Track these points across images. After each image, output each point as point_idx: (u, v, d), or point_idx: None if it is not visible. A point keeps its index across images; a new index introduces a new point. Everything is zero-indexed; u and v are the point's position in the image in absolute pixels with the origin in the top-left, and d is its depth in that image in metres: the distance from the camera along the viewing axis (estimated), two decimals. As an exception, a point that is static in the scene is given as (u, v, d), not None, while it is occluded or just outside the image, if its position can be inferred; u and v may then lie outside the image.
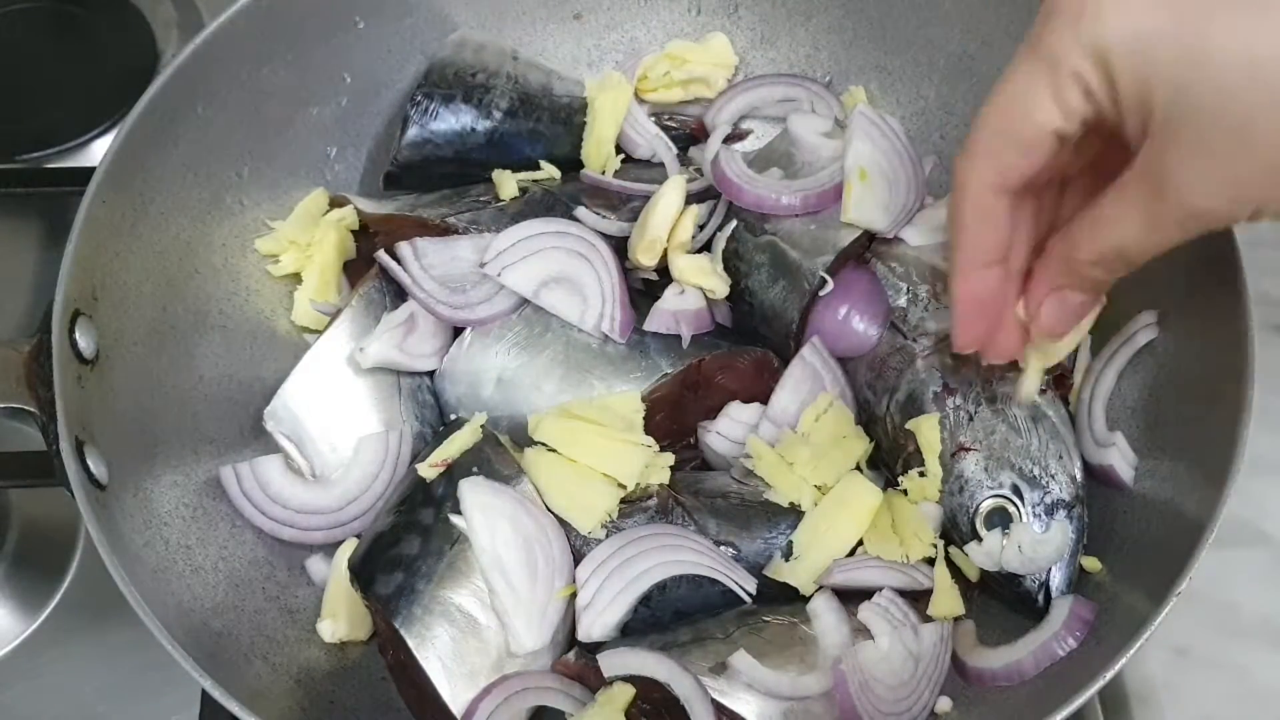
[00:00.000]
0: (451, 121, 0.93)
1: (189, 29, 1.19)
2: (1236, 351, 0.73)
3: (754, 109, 0.98)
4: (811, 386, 0.84)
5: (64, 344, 0.75)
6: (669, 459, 0.82)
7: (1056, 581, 0.77)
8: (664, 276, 0.89)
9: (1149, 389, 0.81)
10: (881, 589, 0.77)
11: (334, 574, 0.81)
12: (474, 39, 0.96)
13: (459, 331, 0.86)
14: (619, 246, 0.88)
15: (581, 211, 0.90)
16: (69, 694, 0.89)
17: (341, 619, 0.81)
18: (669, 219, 0.87)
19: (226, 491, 0.83)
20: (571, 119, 0.97)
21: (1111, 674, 0.66)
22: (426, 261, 0.86)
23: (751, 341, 0.87)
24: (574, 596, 0.76)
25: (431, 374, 0.87)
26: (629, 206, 0.91)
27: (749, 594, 0.77)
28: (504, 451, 0.80)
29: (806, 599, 0.77)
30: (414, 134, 0.92)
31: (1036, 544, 0.77)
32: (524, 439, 0.81)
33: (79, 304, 0.77)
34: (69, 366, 0.75)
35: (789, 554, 0.79)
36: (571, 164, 0.96)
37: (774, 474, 0.81)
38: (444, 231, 0.88)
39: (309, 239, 0.92)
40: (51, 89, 1.17)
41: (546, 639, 0.75)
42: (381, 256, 0.87)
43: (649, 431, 0.82)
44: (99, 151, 1.11)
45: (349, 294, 0.91)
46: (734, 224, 0.88)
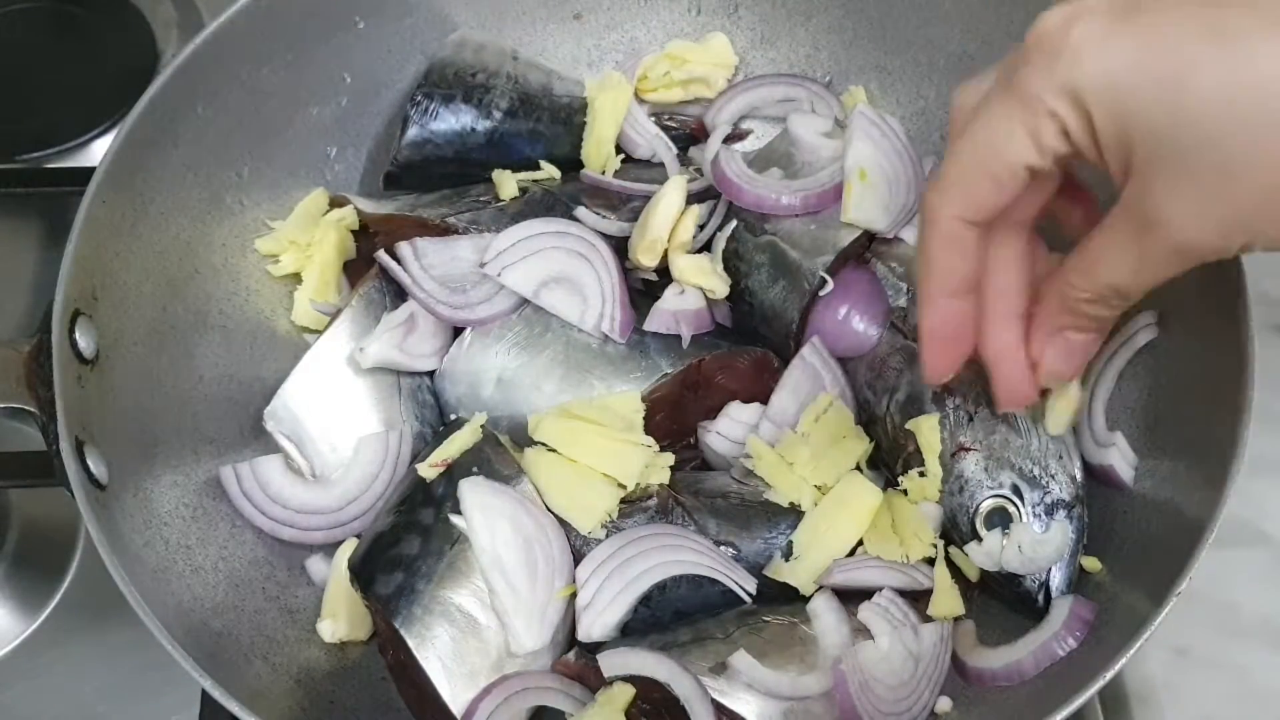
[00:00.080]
0: (451, 121, 0.93)
1: (189, 29, 1.19)
2: (1236, 351, 0.73)
3: (754, 109, 0.98)
4: (811, 386, 0.84)
5: (64, 344, 0.75)
6: (669, 459, 0.82)
7: (1056, 581, 0.77)
8: (664, 276, 0.89)
9: (1149, 389, 0.81)
10: (881, 589, 0.77)
11: (334, 574, 0.81)
12: (474, 39, 0.96)
13: (459, 331, 0.86)
14: (619, 246, 0.88)
15: (581, 211, 0.89)
16: (69, 694, 0.89)
17: (341, 619, 0.81)
18: (670, 219, 0.87)
19: (226, 491, 0.83)
20: (571, 119, 0.96)
21: (1111, 674, 0.66)
22: (426, 261, 0.86)
23: (751, 341, 0.87)
24: (574, 596, 0.76)
25: (431, 374, 0.87)
26: (629, 206, 0.91)
27: (749, 594, 0.77)
28: (504, 451, 0.80)
29: (806, 599, 0.77)
30: (414, 134, 0.92)
31: (1036, 544, 0.77)
32: (524, 439, 0.81)
33: (79, 304, 0.77)
34: (69, 366, 0.75)
35: (789, 554, 0.79)
36: (571, 164, 0.96)
37: (774, 474, 0.81)
38: (444, 231, 0.88)
39: (309, 239, 0.92)
40: (51, 89, 1.16)
41: (546, 639, 0.75)
42: (381, 256, 0.87)
43: (649, 431, 0.82)
44: (99, 151, 1.11)
45: (349, 294, 0.90)
46: (734, 224, 0.88)
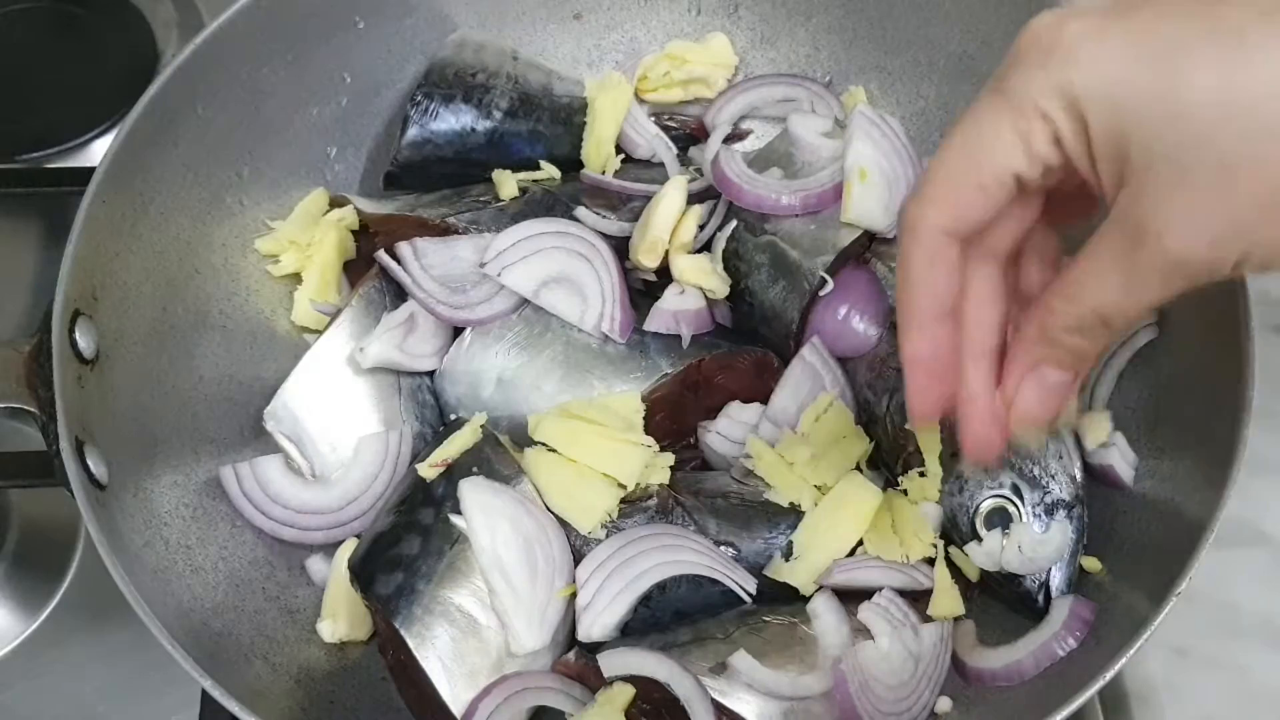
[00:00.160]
0: (451, 121, 0.93)
1: (189, 29, 1.19)
2: (1236, 351, 0.73)
3: (754, 109, 0.98)
4: (811, 386, 0.84)
5: (64, 344, 0.75)
6: (669, 459, 0.82)
7: (1056, 581, 0.77)
8: (664, 276, 0.88)
9: (1149, 389, 0.81)
10: (881, 589, 0.77)
11: (334, 574, 0.81)
12: (474, 39, 0.96)
13: (459, 331, 0.86)
14: (619, 246, 0.88)
15: (581, 211, 0.89)
16: (69, 694, 0.89)
17: (341, 619, 0.81)
18: (671, 220, 0.87)
19: (226, 491, 0.83)
20: (571, 119, 0.96)
21: (1111, 674, 0.66)
22: (426, 261, 0.86)
23: (751, 341, 0.87)
24: (574, 596, 0.76)
25: (431, 374, 0.87)
26: (629, 206, 0.91)
27: (749, 594, 0.77)
28: (504, 451, 0.80)
29: (806, 599, 0.77)
30: (414, 134, 0.92)
31: (1036, 544, 0.77)
32: (524, 439, 0.81)
33: (79, 304, 0.77)
34: (69, 366, 0.75)
35: (789, 554, 0.79)
36: (571, 164, 0.96)
37: (774, 474, 0.81)
38: (444, 231, 0.88)
39: (309, 239, 0.92)
40: (51, 89, 1.16)
41: (546, 639, 0.75)
42: (381, 256, 0.87)
43: (649, 431, 0.82)
44: (99, 151, 1.10)
45: (349, 294, 0.90)
46: (734, 224, 0.87)
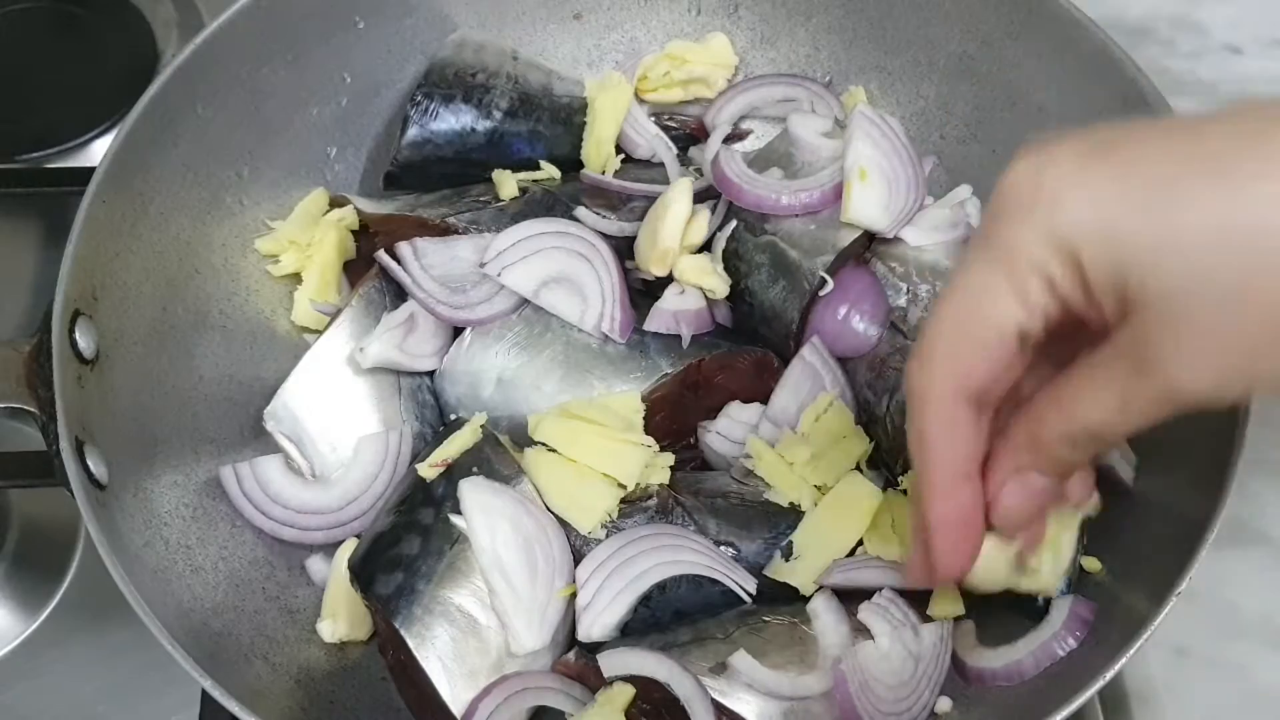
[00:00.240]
0: (451, 121, 0.93)
1: (189, 29, 1.19)
2: (1237, 351, 0.73)
3: (754, 109, 0.98)
4: (811, 386, 0.84)
5: (64, 344, 0.75)
6: (669, 459, 0.82)
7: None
8: (664, 276, 0.88)
9: (1149, 389, 0.81)
10: (881, 589, 0.77)
11: (334, 574, 0.81)
12: (474, 39, 0.96)
13: (459, 331, 0.86)
14: (619, 246, 0.88)
15: (581, 211, 0.89)
16: (69, 694, 0.89)
17: (341, 619, 0.81)
18: (679, 227, 0.86)
19: (226, 491, 0.83)
20: (571, 119, 0.96)
21: (1111, 674, 0.66)
22: (426, 261, 0.86)
23: (751, 341, 0.87)
24: (574, 596, 0.76)
25: (431, 374, 0.87)
26: (629, 206, 0.91)
27: (749, 594, 0.77)
28: (504, 451, 0.80)
29: (806, 599, 0.77)
30: (414, 134, 0.92)
31: (1036, 544, 0.77)
32: (524, 439, 0.81)
33: (79, 304, 0.77)
34: (69, 366, 0.75)
35: (789, 554, 0.79)
36: (571, 164, 0.96)
37: (774, 474, 0.81)
38: (444, 231, 0.88)
39: (309, 239, 0.92)
40: (51, 89, 1.16)
41: (546, 639, 0.75)
42: (381, 256, 0.87)
43: (649, 431, 0.82)
44: (99, 151, 1.10)
45: (349, 294, 0.90)
46: (734, 224, 0.87)
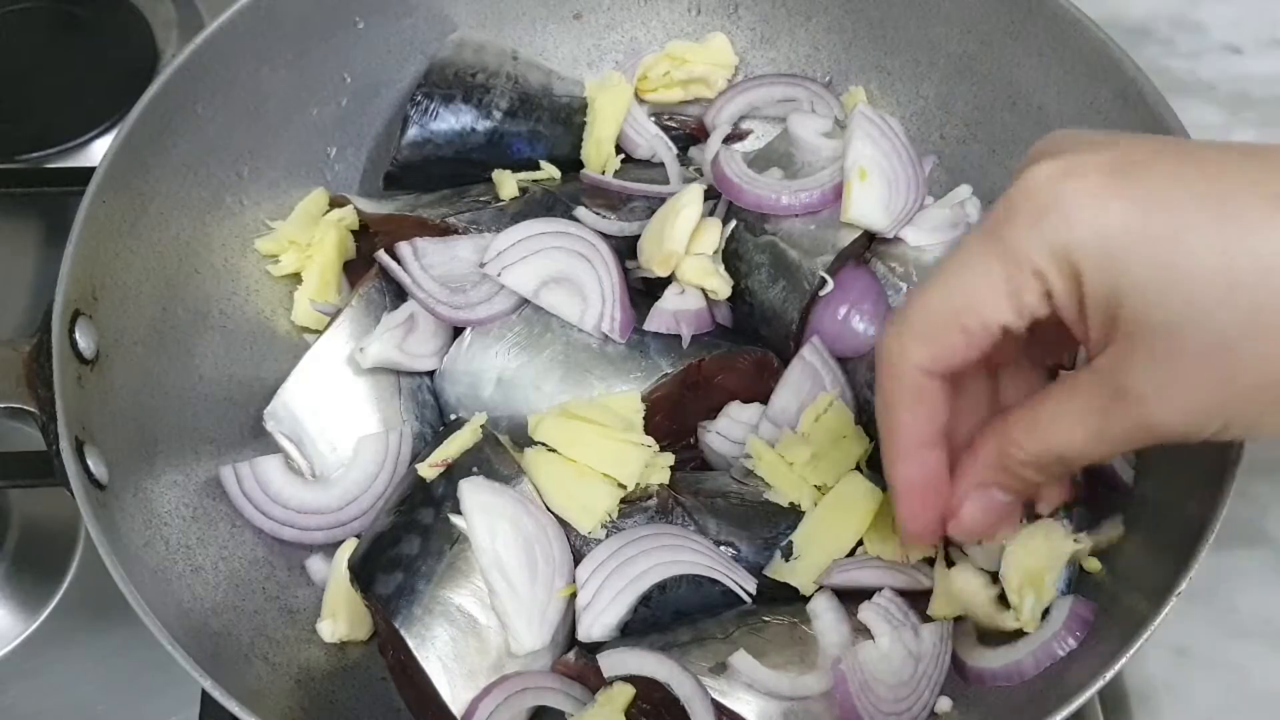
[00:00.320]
0: (451, 121, 0.93)
1: (189, 29, 1.19)
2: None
3: (754, 109, 0.98)
4: (811, 386, 0.84)
5: (64, 344, 0.75)
6: (669, 459, 0.82)
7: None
8: (664, 276, 0.88)
9: (1149, 389, 0.81)
10: (881, 589, 0.77)
11: (334, 574, 0.81)
12: (474, 39, 0.96)
13: (459, 331, 0.86)
14: (619, 246, 0.88)
15: (581, 211, 0.89)
16: (69, 694, 0.89)
17: (341, 619, 0.81)
18: (688, 232, 0.85)
19: (226, 491, 0.83)
20: (571, 119, 0.96)
21: (1111, 674, 0.66)
22: (426, 261, 0.86)
23: (751, 341, 0.87)
24: (574, 596, 0.76)
25: (431, 374, 0.87)
26: (629, 206, 0.91)
27: (749, 594, 0.77)
28: (504, 451, 0.80)
29: (806, 599, 0.77)
30: (414, 134, 0.92)
31: (1036, 544, 0.77)
32: (524, 439, 0.81)
33: (79, 304, 0.77)
34: (69, 366, 0.75)
35: (789, 554, 0.79)
36: (571, 164, 0.96)
37: (774, 474, 0.81)
38: (444, 231, 0.88)
39: (309, 239, 0.92)
40: (51, 89, 1.16)
41: (546, 639, 0.75)
42: (381, 256, 0.87)
43: (649, 431, 0.82)
44: (99, 151, 1.10)
45: (349, 294, 0.90)
46: (734, 224, 0.87)
